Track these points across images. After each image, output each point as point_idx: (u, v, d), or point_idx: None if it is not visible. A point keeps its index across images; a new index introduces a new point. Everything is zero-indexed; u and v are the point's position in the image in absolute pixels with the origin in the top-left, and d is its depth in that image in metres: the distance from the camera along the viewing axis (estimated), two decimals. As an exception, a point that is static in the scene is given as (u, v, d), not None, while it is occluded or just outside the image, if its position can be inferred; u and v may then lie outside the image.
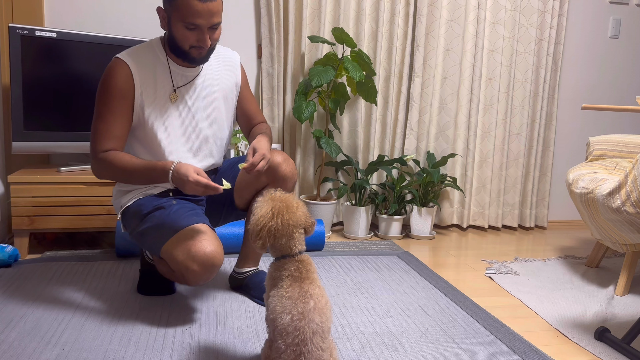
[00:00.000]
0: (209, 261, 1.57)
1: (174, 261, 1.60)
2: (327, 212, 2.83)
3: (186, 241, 1.59)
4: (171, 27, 1.66)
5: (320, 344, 1.25)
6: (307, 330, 1.23)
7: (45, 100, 2.36)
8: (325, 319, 1.27)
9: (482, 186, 3.22)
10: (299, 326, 1.23)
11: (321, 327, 1.25)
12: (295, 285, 1.29)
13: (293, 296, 1.27)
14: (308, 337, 1.23)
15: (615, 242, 2.21)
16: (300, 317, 1.23)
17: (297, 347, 1.22)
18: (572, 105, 3.40)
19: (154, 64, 1.73)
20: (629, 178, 1.94)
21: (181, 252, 1.58)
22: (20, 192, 2.26)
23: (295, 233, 1.32)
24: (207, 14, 1.60)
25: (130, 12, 2.72)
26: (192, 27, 1.62)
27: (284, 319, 1.24)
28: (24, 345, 1.51)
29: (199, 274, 1.58)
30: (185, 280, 1.62)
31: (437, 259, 2.61)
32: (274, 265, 1.35)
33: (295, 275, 1.30)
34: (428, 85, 3.06)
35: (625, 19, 3.37)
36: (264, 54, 2.82)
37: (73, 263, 2.24)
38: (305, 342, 1.22)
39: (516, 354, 1.58)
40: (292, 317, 1.24)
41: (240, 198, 1.89)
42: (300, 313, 1.24)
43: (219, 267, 1.61)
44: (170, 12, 1.64)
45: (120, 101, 1.68)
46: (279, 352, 1.24)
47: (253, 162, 1.64)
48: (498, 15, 3.07)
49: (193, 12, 1.58)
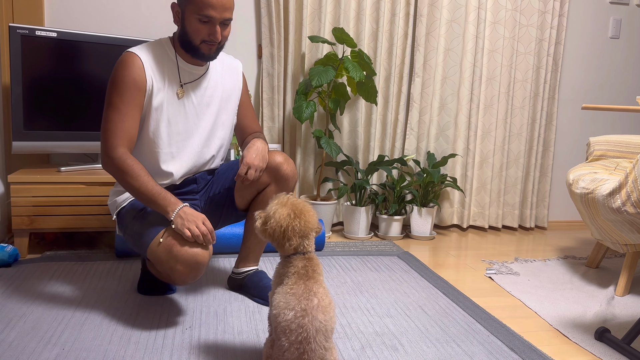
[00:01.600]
0: (192, 259, 1.56)
1: (158, 262, 1.59)
2: (327, 212, 2.83)
3: (169, 241, 1.58)
4: (184, 21, 1.72)
5: (324, 342, 1.25)
6: (311, 327, 1.23)
7: (45, 100, 2.36)
8: (328, 317, 1.27)
9: (482, 186, 3.21)
10: (302, 323, 1.23)
11: (324, 326, 1.25)
12: (300, 282, 1.30)
13: (297, 293, 1.27)
14: (311, 334, 1.23)
15: (616, 242, 2.21)
16: (303, 314, 1.24)
17: (300, 344, 1.22)
18: (573, 105, 3.40)
19: (163, 59, 1.76)
20: (629, 178, 1.93)
21: (164, 253, 1.57)
22: (20, 191, 2.26)
23: (311, 234, 1.36)
24: (221, 8, 1.67)
25: (131, 12, 2.72)
26: (205, 19, 1.67)
27: (287, 315, 1.24)
28: (24, 344, 1.51)
29: (184, 274, 1.57)
30: (172, 280, 1.61)
31: (437, 259, 2.61)
32: (282, 262, 1.37)
33: (302, 272, 1.32)
34: (428, 86, 3.06)
35: (625, 20, 3.37)
36: (264, 53, 2.82)
37: (73, 263, 2.24)
38: (308, 340, 1.22)
39: (516, 354, 1.58)
40: (296, 313, 1.24)
41: (241, 198, 1.89)
42: (303, 310, 1.24)
43: (205, 264, 1.60)
44: (184, 7, 1.70)
45: (134, 93, 1.69)
46: (281, 350, 1.24)
47: (239, 174, 1.71)
48: (498, 15, 3.07)
49: (207, 4, 1.65)
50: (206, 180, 1.92)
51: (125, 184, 1.66)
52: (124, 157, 1.66)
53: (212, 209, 1.92)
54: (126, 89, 1.68)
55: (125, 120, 1.68)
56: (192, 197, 1.88)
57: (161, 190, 1.64)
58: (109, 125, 1.68)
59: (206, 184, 1.92)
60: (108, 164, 1.69)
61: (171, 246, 1.56)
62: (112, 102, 1.69)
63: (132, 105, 1.69)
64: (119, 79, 1.69)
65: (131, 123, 1.70)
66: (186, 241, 1.57)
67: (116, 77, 1.69)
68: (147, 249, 1.63)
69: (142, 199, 1.65)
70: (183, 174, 1.83)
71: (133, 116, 1.70)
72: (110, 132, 1.68)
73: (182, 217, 1.59)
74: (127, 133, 1.69)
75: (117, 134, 1.67)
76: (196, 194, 1.89)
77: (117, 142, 1.67)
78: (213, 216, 1.93)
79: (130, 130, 1.69)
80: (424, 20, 2.98)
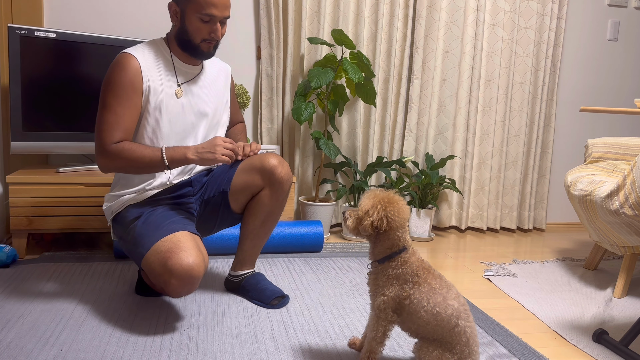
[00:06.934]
0: (187, 274, 1.53)
1: (152, 275, 1.58)
2: (325, 213, 2.83)
3: (163, 253, 1.55)
4: (185, 20, 1.73)
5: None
6: (467, 310, 1.33)
7: (44, 100, 2.36)
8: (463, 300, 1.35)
9: (481, 188, 3.22)
10: (464, 309, 1.31)
11: (466, 308, 1.33)
12: (430, 276, 1.33)
13: (439, 287, 1.32)
14: (471, 317, 1.33)
15: (614, 244, 2.21)
16: (459, 302, 1.31)
17: (471, 329, 1.31)
18: (571, 107, 3.40)
19: (159, 59, 1.77)
20: (627, 180, 1.94)
21: (158, 266, 1.55)
22: (18, 192, 2.25)
23: (406, 225, 1.35)
24: (222, 6, 1.71)
25: (130, 12, 2.72)
26: (207, 18, 1.70)
27: (451, 306, 1.29)
28: (22, 345, 1.51)
29: (178, 288, 1.54)
30: (166, 293, 1.59)
31: (436, 260, 2.61)
32: (390, 265, 1.35)
33: (426, 266, 1.35)
34: (427, 87, 3.07)
35: (623, 22, 3.38)
36: (263, 55, 2.83)
37: (71, 264, 2.24)
38: (471, 322, 1.32)
39: (514, 355, 1.58)
40: (454, 304, 1.30)
41: (236, 202, 1.89)
42: (455, 299, 1.31)
43: (199, 278, 1.57)
44: (184, 6, 1.71)
45: (130, 93, 1.68)
46: (463, 343, 1.30)
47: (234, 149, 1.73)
48: (497, 17, 3.08)
49: (210, 3, 1.68)
50: (201, 183, 1.92)
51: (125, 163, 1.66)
52: (117, 144, 1.66)
53: (207, 212, 1.91)
54: (123, 91, 1.67)
55: (121, 122, 1.67)
56: (188, 201, 1.87)
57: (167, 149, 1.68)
58: (103, 127, 1.67)
59: (201, 187, 1.92)
60: (102, 160, 1.67)
61: (166, 259, 1.53)
62: (107, 104, 1.67)
63: (128, 107, 1.68)
64: (115, 80, 1.67)
65: (128, 124, 1.68)
66: (181, 253, 1.54)
67: (112, 78, 1.68)
68: (141, 259, 1.62)
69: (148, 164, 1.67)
70: (179, 172, 1.85)
71: (130, 117, 1.69)
72: (105, 133, 1.66)
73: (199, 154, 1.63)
74: (123, 133, 1.68)
75: (112, 134, 1.66)
76: (191, 197, 1.89)
77: (112, 140, 1.66)
78: (209, 219, 1.93)
79: (126, 130, 1.68)
80: (422, 22, 2.98)
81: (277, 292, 1.88)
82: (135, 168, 1.69)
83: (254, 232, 1.88)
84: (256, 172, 1.83)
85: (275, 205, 1.85)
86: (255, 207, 1.85)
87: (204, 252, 1.62)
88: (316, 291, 2.04)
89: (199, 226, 1.93)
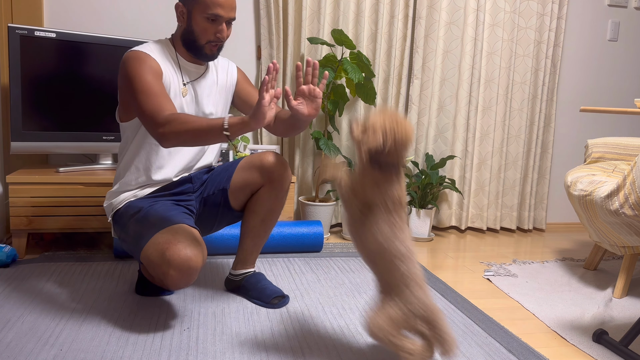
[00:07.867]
0: (185, 264, 1.52)
1: (151, 266, 1.57)
2: (325, 213, 2.83)
3: (161, 245, 1.55)
4: (191, 20, 1.73)
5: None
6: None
7: (44, 100, 2.36)
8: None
9: (481, 188, 3.22)
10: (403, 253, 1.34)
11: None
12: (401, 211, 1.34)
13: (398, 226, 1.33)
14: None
15: (614, 244, 2.21)
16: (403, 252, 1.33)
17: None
18: (571, 107, 3.40)
19: (165, 58, 1.77)
20: (627, 180, 1.94)
21: (156, 257, 1.54)
22: (18, 192, 2.25)
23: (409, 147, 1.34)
24: (228, 7, 1.72)
25: (130, 12, 2.72)
26: (213, 18, 1.71)
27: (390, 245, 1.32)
28: (22, 345, 1.51)
29: (177, 279, 1.53)
30: (165, 285, 1.59)
31: (436, 260, 2.61)
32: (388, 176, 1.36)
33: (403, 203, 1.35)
34: (427, 87, 3.07)
35: (624, 22, 3.38)
36: (264, 55, 2.83)
37: (71, 263, 2.24)
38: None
39: (514, 355, 1.58)
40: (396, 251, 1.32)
41: (236, 199, 1.89)
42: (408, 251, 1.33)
43: (198, 269, 1.56)
44: (191, 7, 1.72)
45: (158, 76, 1.66)
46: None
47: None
48: (497, 17, 3.08)
49: (216, 3, 1.69)
50: (202, 180, 1.92)
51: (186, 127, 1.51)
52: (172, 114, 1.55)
53: (207, 209, 1.91)
54: (151, 74, 1.64)
55: (164, 95, 1.61)
56: (188, 198, 1.88)
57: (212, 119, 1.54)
58: (149, 106, 1.57)
59: (201, 185, 1.92)
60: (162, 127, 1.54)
61: (164, 250, 1.53)
62: (141, 88, 1.60)
63: (161, 85, 1.65)
64: (138, 69, 1.63)
65: (169, 99, 1.62)
66: (179, 244, 1.53)
67: (133, 68, 1.64)
68: (140, 252, 1.62)
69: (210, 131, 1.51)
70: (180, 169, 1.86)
71: (167, 95, 1.64)
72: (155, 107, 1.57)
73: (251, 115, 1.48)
74: (171, 105, 1.60)
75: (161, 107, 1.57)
76: (191, 194, 1.89)
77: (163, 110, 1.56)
78: (208, 217, 1.93)
79: (171, 104, 1.61)
80: (422, 22, 2.98)
81: (277, 292, 1.88)
82: (194, 131, 1.52)
83: (254, 230, 1.89)
84: (255, 170, 1.83)
85: (275, 203, 1.86)
86: (255, 205, 1.86)
87: (202, 244, 1.61)
88: (316, 291, 2.04)
89: (199, 224, 1.94)
